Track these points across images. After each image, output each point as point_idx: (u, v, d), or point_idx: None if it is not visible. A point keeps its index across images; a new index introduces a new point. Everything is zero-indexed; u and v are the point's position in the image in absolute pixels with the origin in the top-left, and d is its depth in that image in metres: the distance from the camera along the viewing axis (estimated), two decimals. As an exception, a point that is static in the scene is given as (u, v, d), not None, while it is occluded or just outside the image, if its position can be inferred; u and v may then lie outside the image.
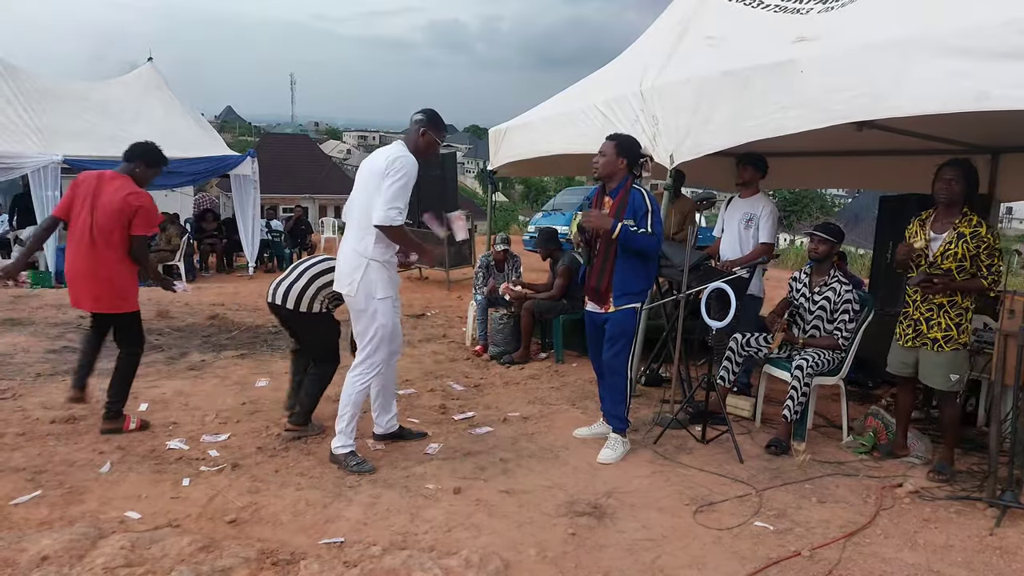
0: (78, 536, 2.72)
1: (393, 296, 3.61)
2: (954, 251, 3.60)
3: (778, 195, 35.60)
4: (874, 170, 6.26)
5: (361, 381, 3.61)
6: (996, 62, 2.95)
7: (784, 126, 3.77)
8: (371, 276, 3.52)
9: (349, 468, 3.54)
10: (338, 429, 3.61)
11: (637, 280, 3.78)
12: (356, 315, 3.63)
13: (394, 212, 3.42)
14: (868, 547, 3.00)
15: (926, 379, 3.79)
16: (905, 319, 3.84)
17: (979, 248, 3.56)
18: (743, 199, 5.00)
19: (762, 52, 4.06)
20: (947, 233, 3.65)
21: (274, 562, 2.66)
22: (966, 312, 3.67)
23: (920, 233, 3.75)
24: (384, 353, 3.65)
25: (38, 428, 4.00)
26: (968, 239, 3.58)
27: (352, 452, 3.60)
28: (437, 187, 9.67)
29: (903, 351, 3.86)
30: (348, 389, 3.60)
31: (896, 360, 3.91)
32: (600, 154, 3.79)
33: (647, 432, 4.24)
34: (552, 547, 2.89)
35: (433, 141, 3.64)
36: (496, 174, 7.20)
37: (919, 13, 3.46)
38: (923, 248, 3.69)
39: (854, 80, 3.42)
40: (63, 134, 9.73)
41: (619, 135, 3.86)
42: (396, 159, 3.46)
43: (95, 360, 4.15)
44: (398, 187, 3.43)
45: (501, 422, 4.41)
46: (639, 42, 5.54)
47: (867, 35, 3.53)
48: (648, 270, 3.88)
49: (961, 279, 3.62)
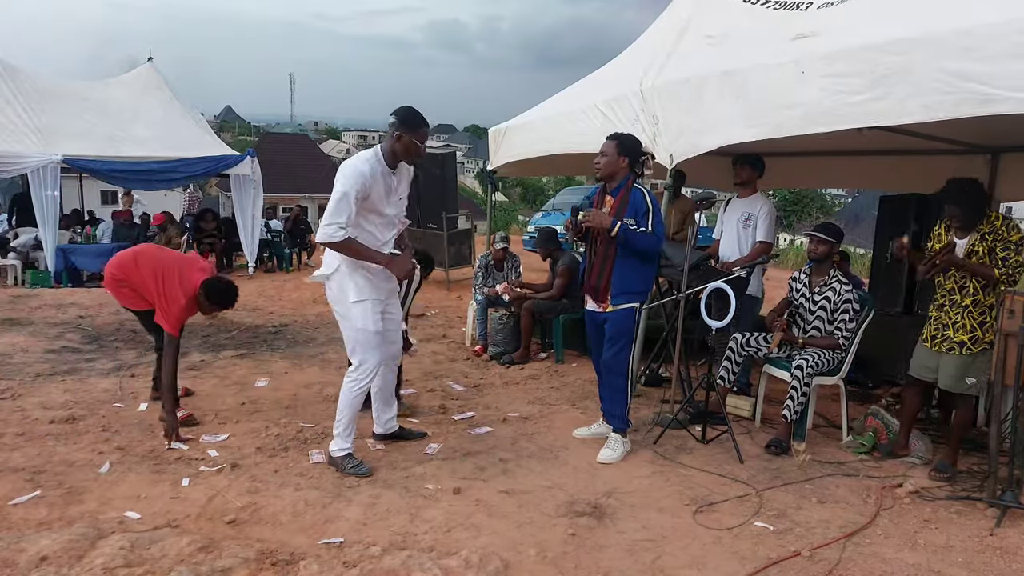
0: (77, 536, 2.71)
1: (371, 299, 3.52)
2: (977, 249, 3.63)
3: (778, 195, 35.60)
4: (874, 170, 6.25)
5: (356, 387, 3.57)
6: (1000, 63, 2.93)
7: (784, 127, 3.77)
8: (340, 281, 3.49)
9: (346, 471, 3.53)
10: (335, 433, 3.60)
11: (637, 280, 3.78)
12: (338, 319, 3.62)
13: (331, 228, 3.27)
14: (868, 547, 3.00)
15: (946, 384, 3.77)
16: (935, 321, 3.83)
17: (996, 242, 3.58)
18: (741, 199, 5.01)
19: (762, 51, 4.06)
20: (970, 236, 3.67)
21: (273, 562, 2.66)
22: (989, 310, 3.65)
23: (945, 236, 3.77)
24: (375, 358, 3.57)
25: (37, 428, 4.00)
26: (987, 235, 3.61)
27: (349, 455, 3.59)
28: (437, 187, 9.66)
29: (928, 354, 3.84)
30: (344, 394, 3.59)
31: (920, 364, 3.90)
32: (601, 154, 3.77)
33: (647, 432, 4.24)
34: (552, 547, 2.89)
35: (410, 143, 3.41)
36: (496, 174, 7.19)
37: (919, 11, 3.46)
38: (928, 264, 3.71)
39: (856, 83, 3.41)
40: (62, 134, 9.73)
41: (620, 134, 3.85)
42: (341, 168, 3.36)
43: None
44: (334, 201, 3.28)
45: (501, 422, 4.40)
46: (639, 42, 5.53)
47: (868, 35, 3.52)
48: (648, 270, 3.87)
49: (973, 262, 3.62)
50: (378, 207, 3.48)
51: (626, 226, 3.62)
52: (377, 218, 3.51)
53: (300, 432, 4.07)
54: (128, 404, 4.47)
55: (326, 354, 5.96)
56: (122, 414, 4.29)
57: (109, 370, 5.25)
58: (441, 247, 9.60)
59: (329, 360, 5.76)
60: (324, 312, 7.92)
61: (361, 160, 3.40)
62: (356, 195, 3.31)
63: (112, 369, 5.28)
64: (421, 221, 9.88)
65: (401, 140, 3.41)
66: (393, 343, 3.82)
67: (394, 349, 3.85)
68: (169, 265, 4.04)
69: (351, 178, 3.30)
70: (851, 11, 3.90)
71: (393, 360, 3.91)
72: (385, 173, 3.46)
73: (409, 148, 3.44)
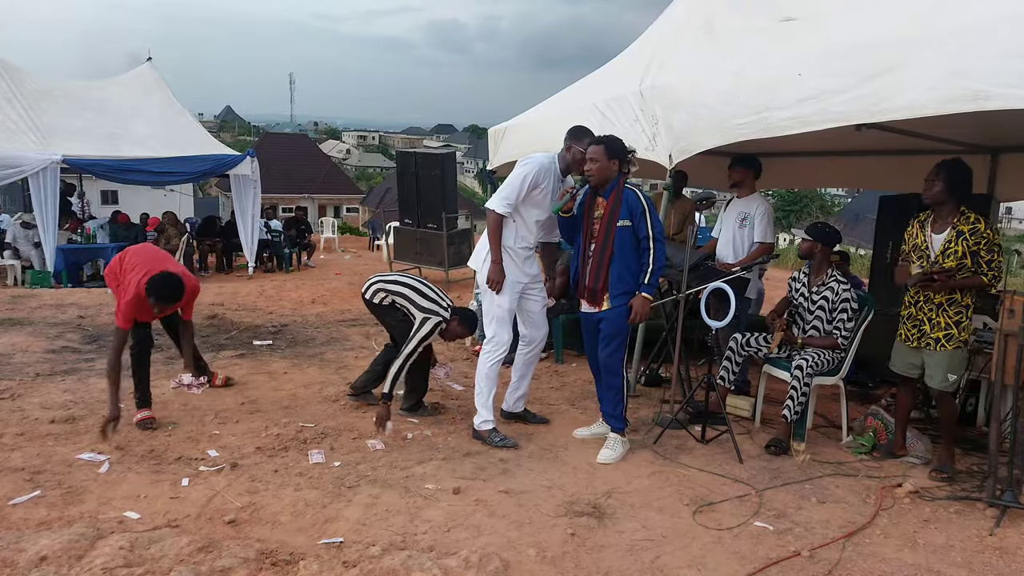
0: (77, 536, 2.71)
1: (511, 281, 3.92)
2: (954, 249, 3.60)
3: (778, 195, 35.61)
4: (874, 170, 6.27)
5: (490, 360, 3.97)
6: (994, 60, 2.94)
7: (783, 127, 3.77)
8: (488, 260, 3.94)
9: (493, 444, 3.81)
10: (478, 404, 3.96)
11: (634, 279, 3.77)
12: (481, 297, 4.17)
13: (500, 201, 3.85)
14: (868, 547, 3.00)
15: (929, 379, 3.78)
16: (908, 319, 3.83)
17: (979, 244, 3.56)
18: (739, 199, 5.02)
19: (762, 52, 4.06)
20: (947, 232, 3.65)
21: (273, 562, 2.66)
22: (966, 310, 3.67)
23: (920, 234, 3.75)
24: (507, 334, 3.97)
25: (37, 428, 4.00)
26: (968, 236, 3.58)
27: (494, 429, 3.88)
28: (437, 187, 9.66)
29: (909, 351, 3.84)
30: (480, 367, 3.99)
31: (902, 361, 3.90)
32: (590, 160, 3.69)
33: (647, 432, 4.24)
34: (552, 547, 2.89)
35: (577, 152, 3.88)
36: (496, 174, 7.19)
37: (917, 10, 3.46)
38: (921, 274, 3.67)
39: (853, 82, 3.41)
40: (62, 133, 9.74)
41: (603, 138, 3.79)
42: (522, 159, 3.95)
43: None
44: (511, 179, 3.89)
45: (501, 422, 4.40)
46: (639, 42, 5.54)
47: (865, 35, 3.53)
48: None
49: (961, 277, 3.61)
50: (542, 204, 3.92)
51: (649, 287, 3.68)
52: (536, 215, 3.95)
53: (300, 432, 4.07)
54: (128, 404, 4.46)
55: (325, 354, 5.96)
56: (122, 414, 4.28)
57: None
58: (441, 247, 9.60)
59: (328, 360, 5.76)
60: (324, 312, 7.94)
61: (542, 154, 3.86)
62: (531, 181, 3.81)
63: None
64: (421, 221, 9.89)
65: (570, 150, 3.89)
66: (537, 327, 4.17)
67: (536, 334, 4.19)
68: (144, 261, 4.08)
69: (531, 165, 3.84)
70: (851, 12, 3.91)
71: (535, 343, 4.21)
72: (557, 176, 3.94)
73: (576, 157, 3.85)
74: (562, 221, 3.90)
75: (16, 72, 10.11)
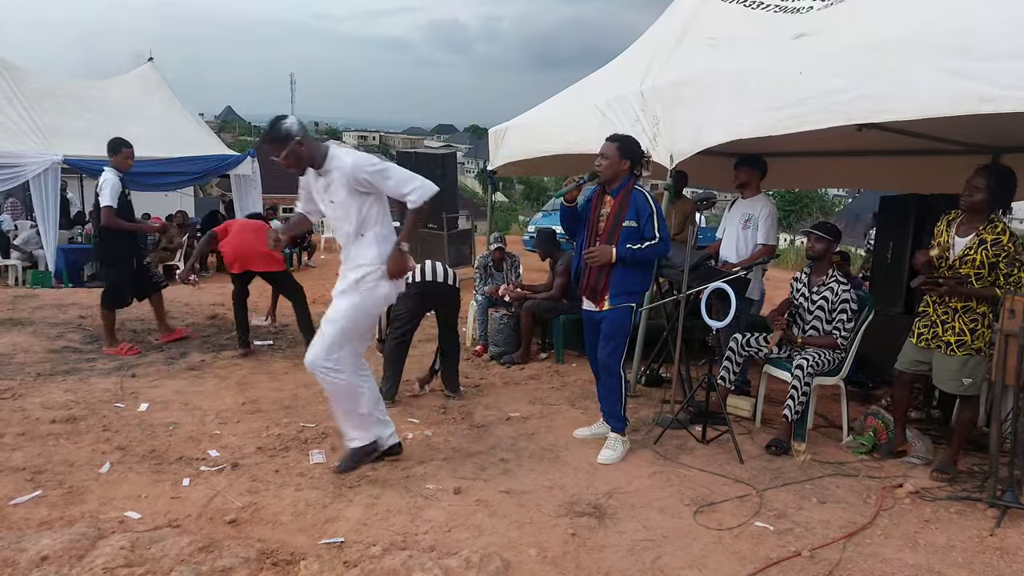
0: (78, 536, 2.71)
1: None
2: (973, 257, 3.53)
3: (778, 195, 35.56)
4: (874, 170, 6.26)
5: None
6: (997, 62, 2.93)
7: (782, 126, 3.77)
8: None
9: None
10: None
11: (635, 280, 3.77)
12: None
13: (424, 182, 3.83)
14: (868, 547, 3.00)
15: (939, 382, 3.77)
16: (923, 319, 3.80)
17: (999, 256, 3.49)
18: (744, 200, 5.01)
19: (762, 53, 4.07)
20: (969, 238, 3.58)
21: (274, 562, 2.66)
22: (982, 318, 3.61)
23: (945, 233, 3.68)
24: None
25: (38, 428, 4.00)
26: (989, 246, 3.50)
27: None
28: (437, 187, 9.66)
29: (918, 350, 3.82)
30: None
31: (909, 358, 3.88)
32: (602, 156, 3.72)
33: (647, 432, 4.24)
34: (552, 547, 2.89)
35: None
36: (496, 174, 7.20)
37: (918, 11, 3.46)
38: (939, 256, 3.62)
39: (854, 82, 3.41)
40: (63, 134, 9.73)
41: (620, 136, 3.82)
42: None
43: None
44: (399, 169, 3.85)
45: (501, 422, 4.40)
46: (639, 42, 5.54)
47: (866, 35, 3.53)
48: (647, 270, 3.87)
49: (979, 286, 3.55)
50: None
51: (627, 250, 3.63)
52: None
53: (300, 432, 4.07)
54: (129, 404, 4.47)
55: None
56: (123, 414, 4.29)
57: (110, 370, 5.25)
58: (441, 247, 9.61)
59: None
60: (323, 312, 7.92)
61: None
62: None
63: (113, 369, 5.28)
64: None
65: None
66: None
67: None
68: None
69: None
70: (850, 12, 3.90)
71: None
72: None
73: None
74: (564, 210, 3.88)
75: (17, 72, 10.11)
